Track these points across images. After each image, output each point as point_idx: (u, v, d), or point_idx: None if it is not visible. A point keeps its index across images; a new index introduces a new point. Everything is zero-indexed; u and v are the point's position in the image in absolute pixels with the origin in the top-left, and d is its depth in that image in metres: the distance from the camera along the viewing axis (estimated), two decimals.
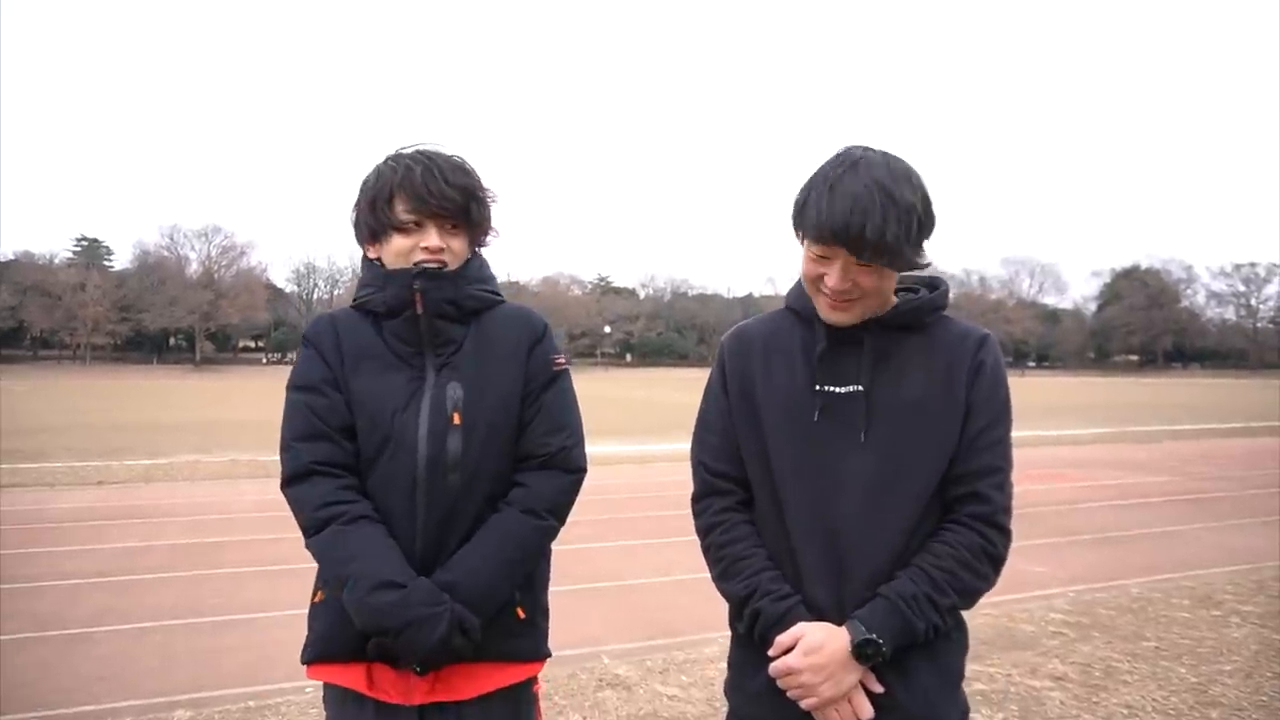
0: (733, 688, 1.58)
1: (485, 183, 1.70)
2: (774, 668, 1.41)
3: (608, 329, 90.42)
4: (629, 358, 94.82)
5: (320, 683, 1.68)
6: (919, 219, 1.39)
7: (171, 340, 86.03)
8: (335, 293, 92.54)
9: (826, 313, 1.46)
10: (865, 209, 1.34)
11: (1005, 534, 1.45)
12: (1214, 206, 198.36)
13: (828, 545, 1.44)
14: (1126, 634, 4.80)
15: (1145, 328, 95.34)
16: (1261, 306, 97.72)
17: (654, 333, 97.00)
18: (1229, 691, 3.92)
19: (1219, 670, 4.20)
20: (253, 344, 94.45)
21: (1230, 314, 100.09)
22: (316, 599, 1.64)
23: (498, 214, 1.74)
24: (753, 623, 1.46)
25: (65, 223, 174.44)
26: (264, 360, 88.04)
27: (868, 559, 1.42)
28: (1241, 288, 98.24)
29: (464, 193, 1.63)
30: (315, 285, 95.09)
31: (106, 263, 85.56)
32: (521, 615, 1.64)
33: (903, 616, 1.37)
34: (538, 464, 1.65)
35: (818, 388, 1.48)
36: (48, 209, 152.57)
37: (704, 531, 1.57)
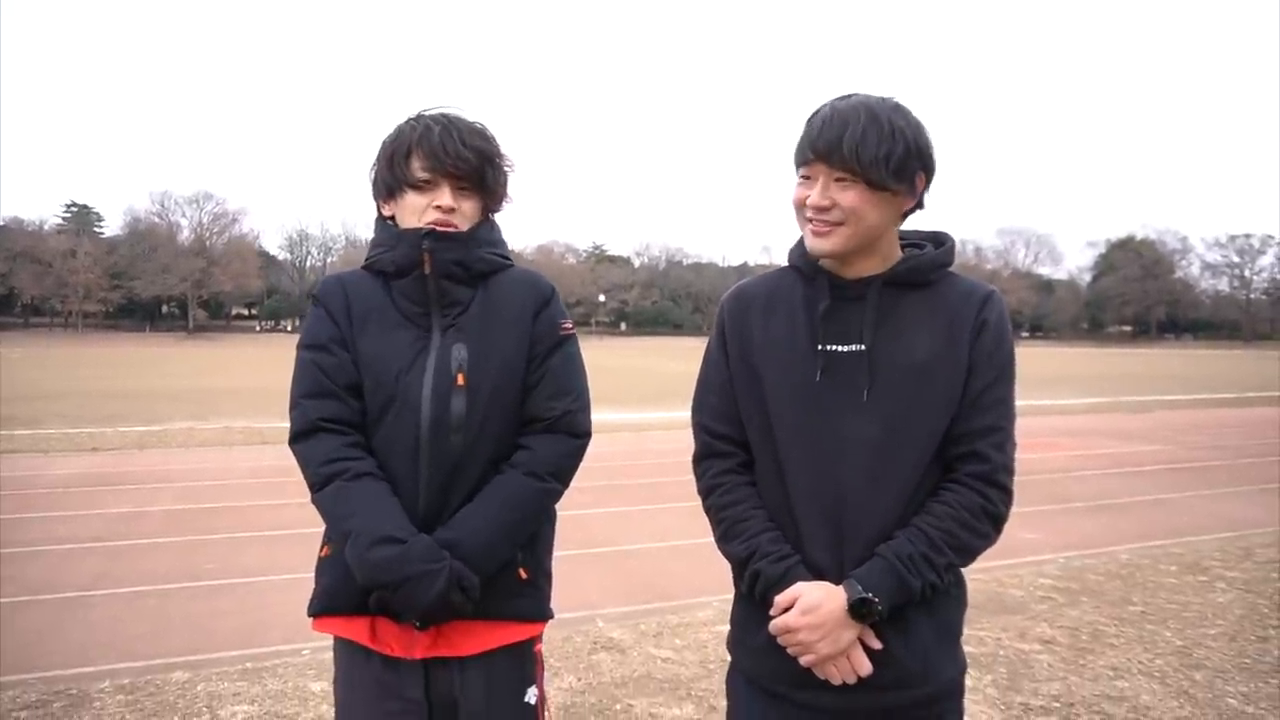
0: (735, 643, 1.59)
1: (504, 150, 1.70)
2: (773, 626, 1.42)
3: (602, 298, 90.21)
4: (624, 326, 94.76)
5: (319, 643, 1.70)
6: (906, 147, 1.39)
7: (164, 308, 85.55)
8: (328, 260, 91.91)
9: (810, 241, 1.46)
10: (846, 122, 1.39)
11: (1006, 492, 1.44)
12: (1209, 178, 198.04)
13: (829, 506, 1.44)
14: (1114, 599, 4.87)
15: (1139, 298, 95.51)
16: (1255, 278, 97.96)
17: (649, 301, 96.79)
18: (1213, 654, 3.98)
19: (1204, 634, 4.26)
20: (246, 312, 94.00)
21: (1224, 285, 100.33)
22: (323, 553, 1.65)
23: (511, 182, 1.74)
24: (753, 583, 1.47)
25: (55, 188, 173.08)
26: (257, 328, 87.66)
27: (868, 519, 1.42)
28: (1235, 259, 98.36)
29: (479, 155, 1.63)
30: (308, 253, 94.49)
31: (97, 229, 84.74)
32: (524, 576, 1.65)
33: (899, 575, 1.37)
34: (542, 427, 1.66)
35: (820, 347, 1.46)
36: (37, 174, 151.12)
37: (705, 493, 1.58)
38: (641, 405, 17.14)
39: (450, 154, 1.60)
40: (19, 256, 73.01)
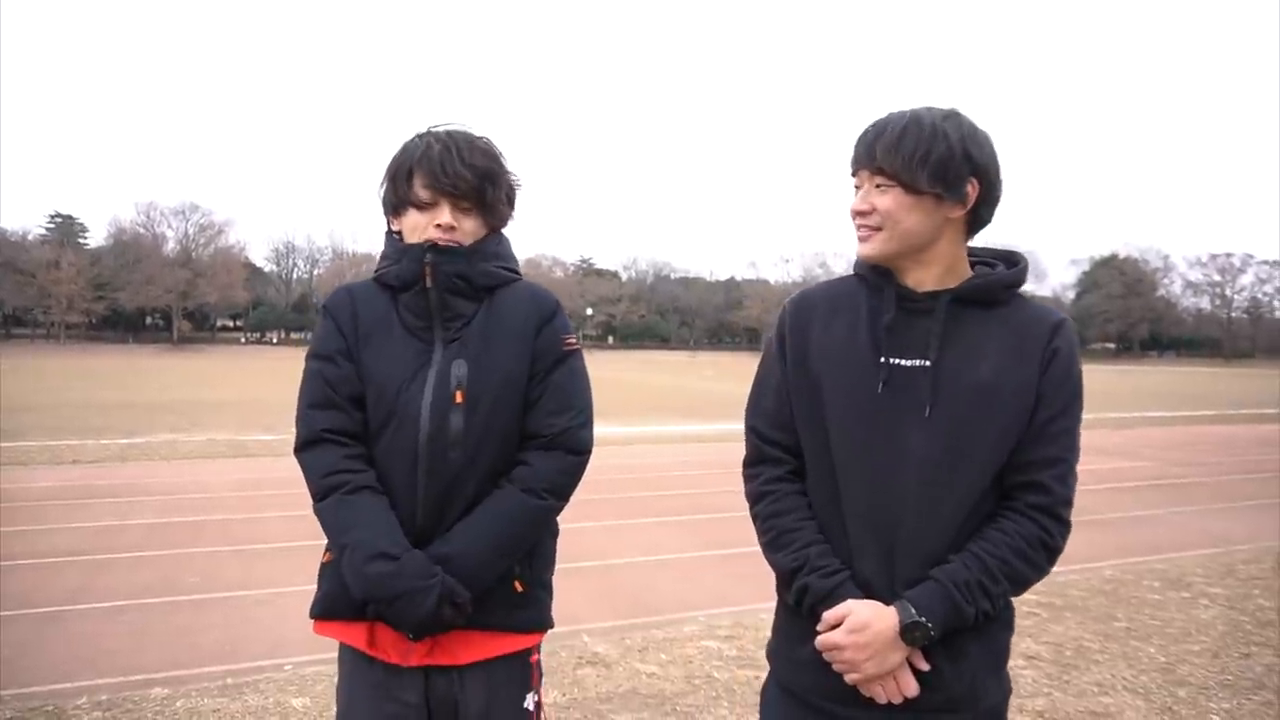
0: (778, 655, 1.56)
1: (508, 166, 1.72)
2: (819, 642, 1.40)
3: (590, 311, 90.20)
4: (611, 340, 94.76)
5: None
6: (948, 149, 1.37)
7: (148, 319, 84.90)
8: (315, 272, 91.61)
9: (858, 247, 1.47)
10: (889, 125, 1.41)
11: (1065, 525, 1.42)
12: (1192, 197, 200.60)
13: (883, 522, 1.41)
14: (1098, 615, 4.89)
15: (1122, 315, 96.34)
16: (1236, 296, 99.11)
17: (636, 315, 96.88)
18: (1196, 671, 4.00)
19: (1187, 650, 4.28)
20: (231, 323, 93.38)
21: (1205, 303, 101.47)
22: (325, 559, 1.69)
23: (520, 198, 1.76)
24: (800, 596, 1.44)
25: (38, 199, 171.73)
26: (242, 340, 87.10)
27: (921, 539, 1.39)
28: (1217, 277, 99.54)
29: (479, 174, 1.64)
30: (294, 265, 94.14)
31: (81, 240, 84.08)
32: (519, 589, 1.67)
33: (953, 602, 1.35)
34: (542, 444, 1.67)
35: (883, 359, 1.43)
36: (20, 185, 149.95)
37: (754, 499, 1.55)
38: (629, 419, 17.11)
39: (449, 174, 1.61)
40: (1, 267, 72.29)
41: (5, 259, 73.00)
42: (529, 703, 1.71)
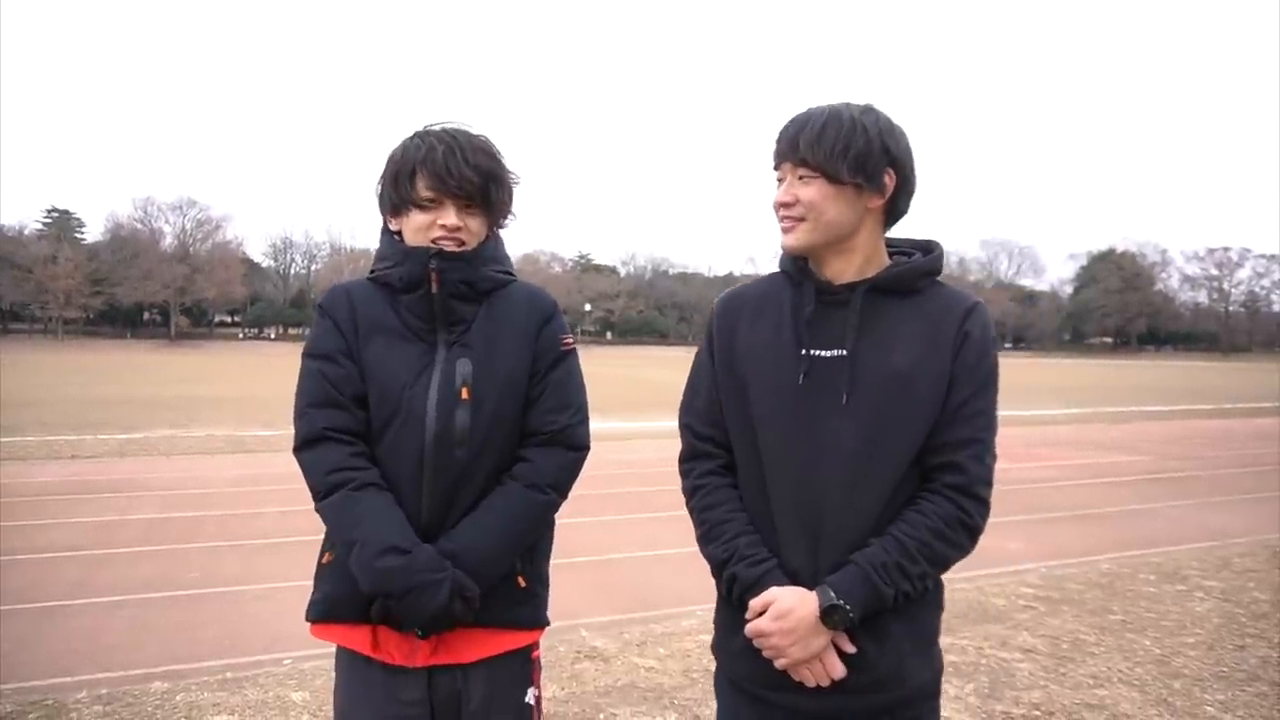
0: (718, 647, 1.61)
1: (508, 164, 1.72)
2: (747, 630, 1.44)
3: (588, 307, 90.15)
4: (609, 336, 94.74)
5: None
6: (867, 142, 1.42)
7: (146, 315, 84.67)
8: (313, 268, 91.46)
9: (781, 239, 1.50)
10: (810, 119, 1.45)
11: (982, 504, 1.45)
12: (1189, 191, 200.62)
13: (806, 510, 1.45)
14: (1094, 608, 4.91)
15: (1120, 310, 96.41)
16: (1234, 290, 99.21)
17: (635, 311, 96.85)
18: (1191, 663, 4.02)
19: (1182, 643, 4.30)
20: (229, 319, 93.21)
21: (1203, 297, 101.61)
22: (324, 560, 1.68)
23: (517, 194, 1.76)
24: (730, 585, 1.49)
25: (35, 193, 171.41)
26: (240, 335, 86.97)
27: (845, 525, 1.43)
28: (1214, 272, 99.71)
29: (484, 174, 1.65)
30: (292, 260, 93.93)
31: (78, 235, 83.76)
32: (522, 584, 1.69)
33: (872, 583, 1.38)
34: (542, 440, 1.70)
35: (804, 351, 1.47)
36: (16, 179, 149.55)
37: (689, 494, 1.60)
38: (627, 414, 17.11)
39: (454, 175, 1.61)
40: None
41: (2, 254, 72.66)
42: (529, 698, 1.73)
